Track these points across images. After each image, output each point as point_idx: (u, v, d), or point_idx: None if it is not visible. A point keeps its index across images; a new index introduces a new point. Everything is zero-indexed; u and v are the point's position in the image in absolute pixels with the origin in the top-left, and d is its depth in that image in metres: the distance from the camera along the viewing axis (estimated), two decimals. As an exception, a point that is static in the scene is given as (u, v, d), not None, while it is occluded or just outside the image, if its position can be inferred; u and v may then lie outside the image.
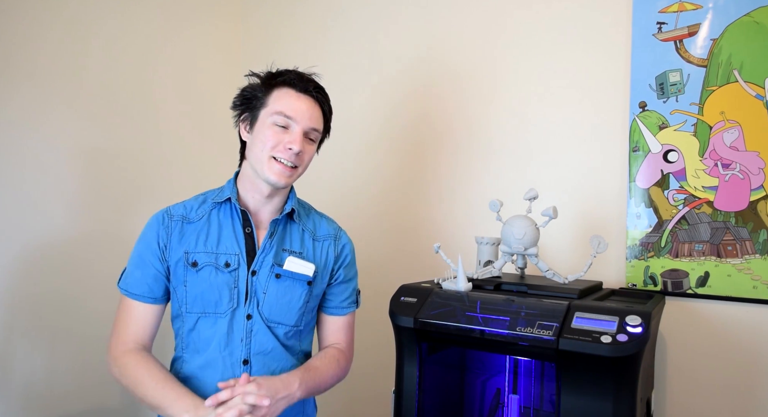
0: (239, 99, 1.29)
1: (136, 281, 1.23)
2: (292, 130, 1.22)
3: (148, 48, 1.95)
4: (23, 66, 1.61)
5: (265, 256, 1.25)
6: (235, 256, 1.24)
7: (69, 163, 1.71)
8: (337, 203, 2.06)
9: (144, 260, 1.23)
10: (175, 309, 1.26)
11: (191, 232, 1.24)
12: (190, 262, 1.22)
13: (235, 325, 1.22)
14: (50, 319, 1.67)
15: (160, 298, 1.24)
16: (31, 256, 1.62)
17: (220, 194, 1.29)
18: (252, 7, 2.31)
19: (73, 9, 1.73)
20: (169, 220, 1.25)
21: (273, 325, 1.25)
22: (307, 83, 1.25)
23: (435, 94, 1.90)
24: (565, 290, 1.31)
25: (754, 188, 1.43)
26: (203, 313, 1.22)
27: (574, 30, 1.66)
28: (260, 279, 1.24)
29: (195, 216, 1.26)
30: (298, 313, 1.28)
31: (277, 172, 1.21)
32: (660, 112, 1.53)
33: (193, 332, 1.23)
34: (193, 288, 1.22)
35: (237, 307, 1.22)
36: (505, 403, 1.43)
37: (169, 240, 1.23)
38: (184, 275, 1.22)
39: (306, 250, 1.31)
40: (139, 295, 1.22)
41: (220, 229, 1.26)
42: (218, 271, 1.22)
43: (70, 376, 1.71)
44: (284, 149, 1.21)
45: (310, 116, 1.24)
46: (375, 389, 1.93)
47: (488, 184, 1.80)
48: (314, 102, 1.26)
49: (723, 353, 1.47)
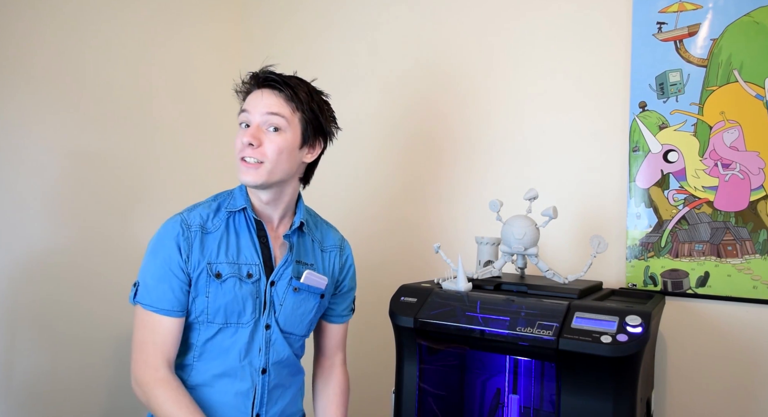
0: None
1: (163, 295, 1.17)
2: (252, 125, 1.20)
3: (145, 48, 1.94)
4: (19, 68, 1.61)
5: (285, 268, 1.25)
6: (256, 266, 1.23)
7: (65, 165, 1.71)
8: (337, 203, 2.06)
9: (167, 272, 1.18)
10: (192, 318, 1.21)
11: (211, 242, 1.21)
12: (213, 273, 1.19)
13: (255, 335, 1.22)
14: (51, 321, 1.66)
15: (184, 311, 1.20)
16: (31, 258, 1.62)
17: (233, 202, 1.26)
18: (251, 7, 2.31)
19: (69, 9, 1.72)
20: (188, 230, 1.20)
21: (286, 335, 1.26)
22: (260, 75, 1.22)
23: (435, 94, 1.89)
24: (565, 290, 1.31)
25: (754, 188, 1.43)
26: (225, 323, 1.20)
27: (574, 30, 1.66)
28: (278, 290, 1.24)
29: (212, 226, 1.23)
30: (309, 324, 1.31)
31: (243, 172, 1.18)
32: (660, 112, 1.53)
33: (211, 341, 1.21)
34: (216, 299, 1.19)
35: (259, 317, 1.22)
36: (505, 403, 1.43)
37: (191, 250, 1.19)
38: (206, 286, 1.19)
39: (317, 262, 1.31)
40: (169, 310, 1.17)
41: (238, 239, 1.24)
42: (242, 282, 1.21)
43: (72, 378, 1.70)
44: (243, 146, 1.18)
45: (265, 104, 1.19)
46: (375, 389, 1.93)
47: (488, 184, 1.80)
48: (270, 90, 1.21)
49: (723, 353, 1.47)
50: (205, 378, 1.21)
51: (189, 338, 1.23)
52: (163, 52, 2.00)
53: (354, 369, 1.88)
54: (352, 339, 1.50)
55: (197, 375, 1.22)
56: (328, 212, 1.54)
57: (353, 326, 1.98)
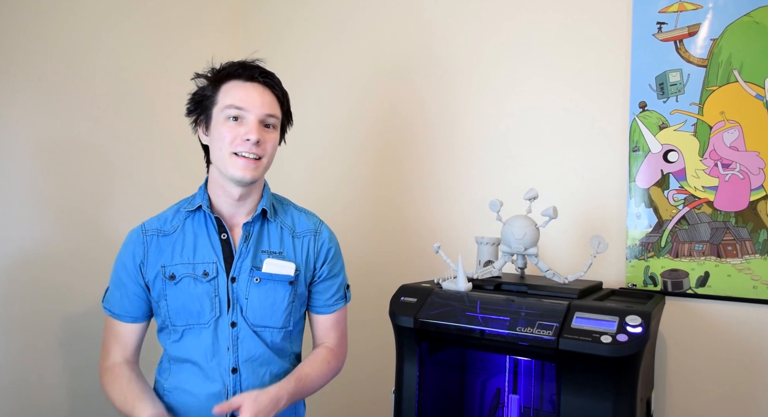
0: (191, 104, 1.26)
1: (117, 301, 1.24)
2: (247, 121, 1.18)
3: (146, 49, 1.94)
4: (22, 68, 1.61)
5: (242, 261, 1.23)
6: (213, 264, 1.22)
7: (65, 165, 1.71)
8: (337, 204, 2.07)
9: (122, 280, 1.24)
10: (160, 323, 1.25)
11: (167, 244, 1.23)
12: (167, 275, 1.21)
13: (219, 335, 1.21)
14: (39, 319, 1.66)
15: (140, 317, 1.25)
16: (26, 258, 1.62)
17: (192, 202, 1.26)
18: (251, 9, 2.31)
19: (72, 12, 1.72)
20: (144, 235, 1.24)
21: (260, 330, 1.23)
22: (252, 70, 1.22)
23: (434, 94, 1.90)
24: (565, 290, 1.31)
25: (754, 188, 1.43)
26: (187, 325, 1.21)
27: (574, 30, 1.66)
28: (240, 285, 1.22)
29: (170, 228, 1.24)
30: (284, 314, 1.26)
31: (241, 167, 1.18)
32: (660, 112, 1.53)
33: (178, 344, 1.22)
34: (174, 301, 1.21)
35: (220, 316, 1.21)
36: (505, 403, 1.43)
37: (146, 256, 1.22)
38: (163, 289, 1.21)
39: (286, 249, 1.27)
40: (120, 315, 1.24)
41: (195, 238, 1.23)
42: (197, 281, 1.21)
43: (58, 380, 1.69)
44: (242, 141, 1.17)
45: (262, 103, 1.19)
46: (375, 389, 1.93)
47: (488, 184, 1.80)
48: (264, 87, 1.21)
49: (723, 353, 1.47)
50: (178, 380, 1.22)
51: (164, 343, 1.26)
52: (164, 54, 2.00)
53: (354, 369, 1.88)
54: (352, 339, 1.50)
55: (172, 378, 1.23)
56: (328, 212, 1.55)
57: (353, 326, 1.98)
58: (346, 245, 1.98)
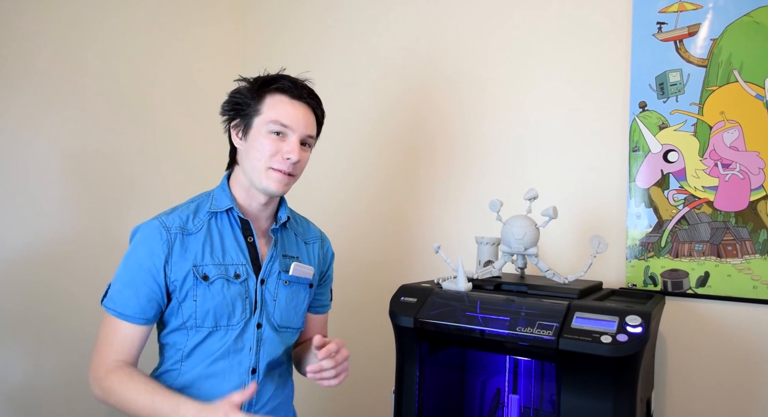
0: (229, 105, 1.25)
1: (127, 301, 1.15)
2: (289, 139, 1.20)
3: (146, 49, 1.94)
4: (21, 67, 1.61)
5: (272, 264, 1.25)
6: (243, 266, 1.22)
7: (66, 164, 1.71)
8: (337, 204, 2.07)
9: (137, 279, 1.16)
10: (177, 323, 1.19)
11: (194, 243, 1.19)
12: (200, 275, 1.18)
13: (245, 336, 1.21)
14: (43, 320, 1.66)
15: (152, 318, 1.18)
16: (27, 257, 1.62)
17: (216, 203, 1.24)
18: (251, 8, 2.31)
19: (71, 10, 1.72)
20: (167, 232, 1.18)
21: (282, 331, 1.26)
22: (301, 90, 1.23)
23: (434, 94, 1.89)
24: (565, 290, 1.31)
25: (754, 188, 1.43)
26: (215, 326, 1.19)
27: (574, 30, 1.66)
28: (269, 287, 1.24)
29: (193, 227, 1.21)
30: (302, 315, 1.33)
31: (276, 182, 1.19)
32: (660, 112, 1.53)
33: (200, 345, 1.19)
34: (205, 302, 1.17)
35: (249, 317, 1.22)
36: (505, 403, 1.43)
37: (170, 254, 1.17)
38: (194, 289, 1.17)
39: (301, 254, 1.33)
40: (130, 316, 1.15)
41: (222, 239, 1.22)
42: (230, 283, 1.20)
43: (56, 379, 1.69)
44: (282, 159, 1.19)
45: (306, 124, 1.22)
46: (375, 389, 1.93)
47: (488, 184, 1.80)
48: (308, 109, 1.23)
49: (723, 353, 1.47)
50: (191, 378, 1.19)
51: (177, 343, 1.20)
52: (165, 53, 2.01)
53: (354, 369, 1.88)
54: (352, 339, 1.50)
55: (183, 377, 1.19)
56: (328, 214, 1.55)
57: (354, 326, 1.99)
58: (345, 245, 1.99)
